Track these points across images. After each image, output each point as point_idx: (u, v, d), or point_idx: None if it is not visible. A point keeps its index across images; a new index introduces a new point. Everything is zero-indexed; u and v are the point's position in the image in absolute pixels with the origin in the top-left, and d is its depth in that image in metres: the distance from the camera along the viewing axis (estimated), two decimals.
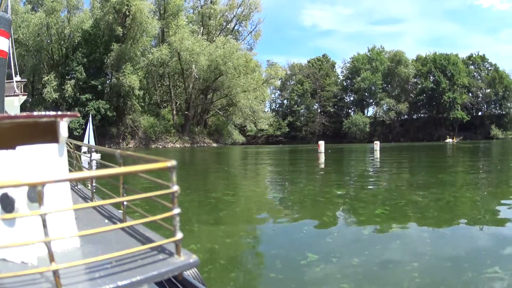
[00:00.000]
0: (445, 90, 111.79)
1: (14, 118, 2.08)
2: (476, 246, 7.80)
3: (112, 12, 75.15)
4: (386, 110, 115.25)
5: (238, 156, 48.81)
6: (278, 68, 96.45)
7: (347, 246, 8.16)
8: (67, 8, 77.97)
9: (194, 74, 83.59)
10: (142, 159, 1.85)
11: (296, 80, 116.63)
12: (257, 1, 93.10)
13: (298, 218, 11.17)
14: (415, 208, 11.95)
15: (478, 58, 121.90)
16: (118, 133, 76.68)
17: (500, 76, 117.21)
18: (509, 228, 9.31)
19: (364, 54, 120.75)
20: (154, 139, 79.63)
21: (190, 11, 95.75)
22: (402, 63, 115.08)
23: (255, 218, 11.39)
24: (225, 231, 9.44)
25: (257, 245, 8.51)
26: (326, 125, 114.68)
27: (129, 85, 73.58)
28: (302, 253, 7.25)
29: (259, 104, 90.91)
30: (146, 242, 2.03)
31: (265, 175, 25.32)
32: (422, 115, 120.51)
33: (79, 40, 77.59)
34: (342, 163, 34.49)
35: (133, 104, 78.75)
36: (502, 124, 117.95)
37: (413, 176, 22.14)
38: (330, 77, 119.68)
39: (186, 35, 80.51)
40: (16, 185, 1.52)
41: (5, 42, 6.38)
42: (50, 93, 70.61)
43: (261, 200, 15.10)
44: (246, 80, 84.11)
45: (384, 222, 10.21)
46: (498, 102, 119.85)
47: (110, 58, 74.30)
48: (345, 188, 17.15)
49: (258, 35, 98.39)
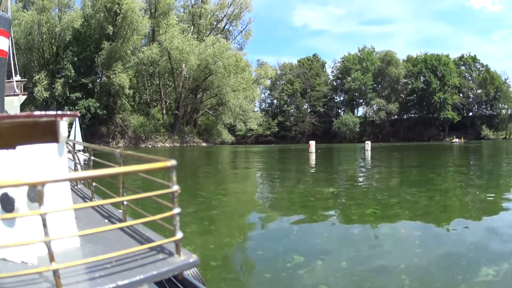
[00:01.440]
0: (436, 90, 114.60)
1: (14, 118, 2.11)
2: (467, 246, 7.92)
3: (103, 11, 77.23)
4: (376, 110, 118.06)
5: (229, 156, 49.17)
6: (268, 68, 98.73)
7: (336, 247, 8.29)
8: (58, 7, 79.64)
9: (184, 73, 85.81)
10: (142, 158, 1.88)
11: (286, 80, 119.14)
12: (248, 1, 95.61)
13: (288, 218, 11.20)
14: (406, 208, 12.16)
15: (469, 59, 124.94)
16: (108, 132, 78.49)
17: (491, 77, 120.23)
18: (501, 227, 9.29)
19: (355, 54, 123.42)
20: (144, 138, 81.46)
21: (180, 10, 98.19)
22: (393, 63, 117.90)
23: (246, 219, 11.65)
24: (215, 231, 9.76)
25: (245, 247, 8.58)
26: (315, 125, 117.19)
27: (119, 84, 75.62)
28: (288, 254, 7.32)
29: (249, 104, 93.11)
30: (146, 242, 2.08)
31: (256, 174, 25.37)
32: (413, 115, 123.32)
33: (70, 39, 79.39)
34: (333, 163, 34.49)
35: (123, 103, 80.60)
36: (493, 124, 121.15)
37: (405, 176, 22.03)
38: (320, 77, 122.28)
39: (176, 34, 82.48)
40: (16, 184, 1.55)
41: (5, 42, 6.52)
42: (41, 92, 72.35)
43: (252, 199, 15.27)
44: (236, 80, 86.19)
45: (374, 221, 10.31)
46: (489, 102, 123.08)
47: (101, 57, 76.25)
48: (336, 187, 17.20)
49: (248, 35, 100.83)
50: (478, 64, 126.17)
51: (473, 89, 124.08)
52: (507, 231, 8.90)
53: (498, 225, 9.52)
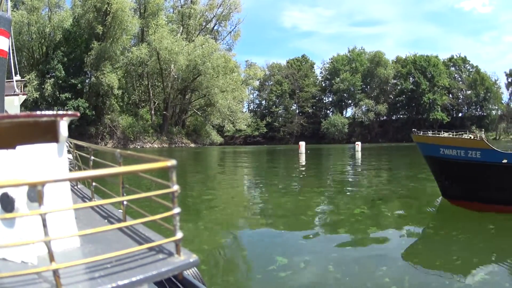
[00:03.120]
0: (425, 91, 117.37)
1: (14, 118, 2.10)
2: (450, 249, 8.13)
3: (92, 10, 79.42)
4: (365, 111, 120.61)
5: (217, 157, 50.21)
6: (257, 69, 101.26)
7: (321, 249, 8.42)
8: (48, 6, 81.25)
9: (172, 73, 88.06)
10: (142, 158, 1.91)
11: (275, 80, 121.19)
12: (237, 1, 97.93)
13: (277, 219, 11.36)
14: (393, 209, 12.46)
15: (459, 60, 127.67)
16: (96, 132, 79.98)
17: (481, 78, 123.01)
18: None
19: (344, 55, 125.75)
20: (133, 139, 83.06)
21: (170, 11, 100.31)
22: (382, 64, 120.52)
23: (234, 220, 11.85)
24: (203, 232, 9.94)
25: (232, 249, 8.71)
26: (304, 126, 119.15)
27: (108, 84, 77.62)
28: (272, 257, 7.46)
29: (237, 105, 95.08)
30: (146, 242, 2.09)
31: (246, 175, 25.86)
32: (401, 116, 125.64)
33: (60, 39, 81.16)
34: (323, 163, 35.19)
35: (112, 104, 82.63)
36: (483, 125, 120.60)
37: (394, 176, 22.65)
38: (309, 77, 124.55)
39: (165, 34, 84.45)
40: (16, 184, 1.57)
41: (5, 42, 6.54)
42: (31, 92, 73.48)
43: (242, 201, 15.44)
44: (225, 81, 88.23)
45: (360, 222, 10.50)
46: (479, 103, 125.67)
47: (90, 57, 78.21)
48: (326, 188, 17.65)
49: (237, 36, 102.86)
50: (468, 65, 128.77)
51: (463, 90, 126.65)
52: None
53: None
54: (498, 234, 9.63)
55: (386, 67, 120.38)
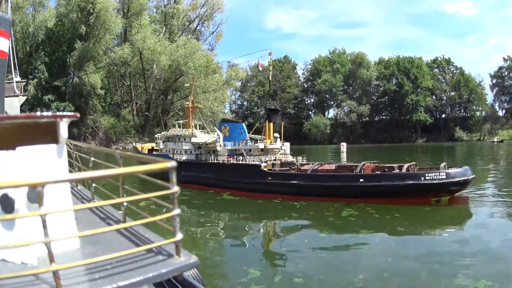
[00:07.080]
0: (408, 92, 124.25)
1: (14, 119, 2.18)
2: (438, 251, 8.40)
3: (76, 10, 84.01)
4: (347, 112, 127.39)
5: None
6: (239, 70, 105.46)
7: (306, 253, 8.63)
8: (32, 5, 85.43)
9: (155, 74, 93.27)
10: (142, 159, 1.97)
11: (257, 81, 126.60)
12: (220, 1, 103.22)
13: (264, 222, 11.52)
14: (381, 210, 12.86)
15: (443, 62, 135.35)
16: (79, 133, 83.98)
17: (465, 79, 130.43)
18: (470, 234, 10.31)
19: (325, 56, 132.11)
20: (115, 139, 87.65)
21: (153, 10, 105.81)
22: (364, 65, 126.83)
23: (219, 223, 12.02)
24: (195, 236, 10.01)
25: (210, 254, 8.89)
26: (286, 127, 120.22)
27: (91, 84, 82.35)
28: (244, 267, 7.74)
29: (219, 106, 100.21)
30: (146, 243, 2.17)
31: None
32: (384, 117, 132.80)
33: (43, 38, 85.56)
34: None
35: (94, 104, 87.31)
36: (466, 126, 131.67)
37: None
38: (291, 78, 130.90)
39: (148, 34, 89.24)
40: (16, 185, 1.66)
41: (5, 43, 6.97)
42: None
43: (226, 203, 15.92)
44: (207, 81, 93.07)
45: (348, 225, 10.77)
46: (463, 105, 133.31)
47: (73, 57, 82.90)
48: None
49: (220, 36, 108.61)
50: (452, 67, 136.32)
51: (447, 91, 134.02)
52: None
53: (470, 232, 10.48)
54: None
55: (368, 69, 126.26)
